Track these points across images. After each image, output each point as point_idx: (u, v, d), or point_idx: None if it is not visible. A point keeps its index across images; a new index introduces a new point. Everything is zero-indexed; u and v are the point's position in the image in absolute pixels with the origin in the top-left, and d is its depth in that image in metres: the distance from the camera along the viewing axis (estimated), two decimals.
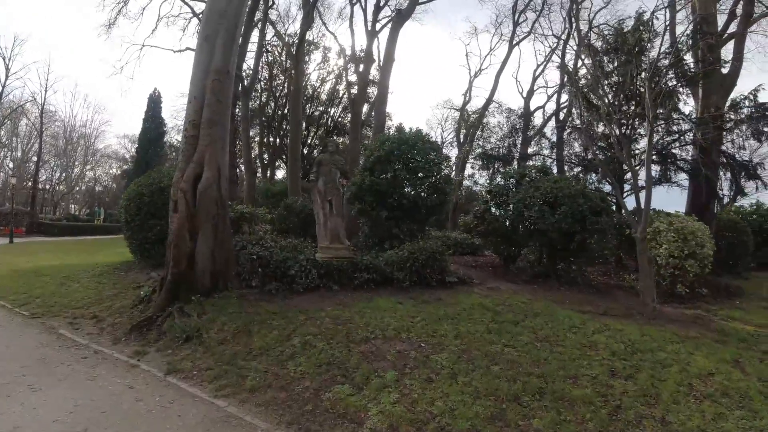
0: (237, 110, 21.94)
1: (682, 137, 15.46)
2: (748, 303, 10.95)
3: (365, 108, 30.13)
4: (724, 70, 15.43)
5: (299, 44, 23.10)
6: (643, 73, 11.69)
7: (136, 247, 12.64)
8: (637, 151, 14.26)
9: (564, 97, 25.37)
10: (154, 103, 44.98)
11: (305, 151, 35.63)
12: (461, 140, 28.28)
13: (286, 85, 39.11)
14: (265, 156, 38.67)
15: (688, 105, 16.32)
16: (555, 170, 18.85)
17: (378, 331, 6.68)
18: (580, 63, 20.23)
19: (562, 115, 23.88)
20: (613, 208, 12.98)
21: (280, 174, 41.97)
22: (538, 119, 28.40)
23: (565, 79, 19.97)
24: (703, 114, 14.65)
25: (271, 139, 39.61)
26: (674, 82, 14.50)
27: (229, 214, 10.16)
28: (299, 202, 16.29)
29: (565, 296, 9.83)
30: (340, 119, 40.66)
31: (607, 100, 12.07)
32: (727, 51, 16.44)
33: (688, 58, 15.72)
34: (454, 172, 12.59)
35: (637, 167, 16.63)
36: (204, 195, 8.87)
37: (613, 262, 15.36)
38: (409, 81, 77.42)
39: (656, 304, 8.81)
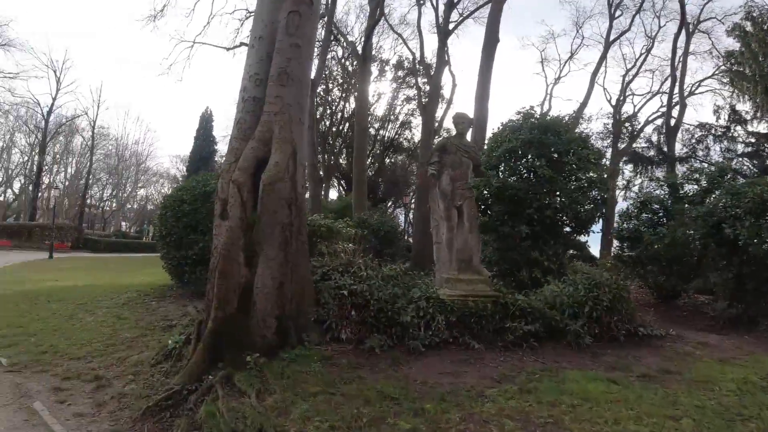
0: None
1: None
2: None
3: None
4: None
5: (366, 41, 20.34)
6: None
7: (173, 269, 10.02)
8: None
9: (675, 99, 21.55)
10: (206, 121, 44.01)
11: None
12: None
13: (343, 103, 36.85)
14: (321, 173, 36.15)
15: None
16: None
17: None
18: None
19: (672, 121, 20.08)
20: None
21: (333, 194, 39.45)
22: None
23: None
24: None
25: (325, 155, 37.09)
26: None
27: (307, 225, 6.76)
28: (375, 217, 12.98)
29: None
30: (396, 137, 38.03)
31: None
32: None
33: None
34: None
35: None
36: (271, 192, 5.52)
37: None
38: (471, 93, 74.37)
39: None
